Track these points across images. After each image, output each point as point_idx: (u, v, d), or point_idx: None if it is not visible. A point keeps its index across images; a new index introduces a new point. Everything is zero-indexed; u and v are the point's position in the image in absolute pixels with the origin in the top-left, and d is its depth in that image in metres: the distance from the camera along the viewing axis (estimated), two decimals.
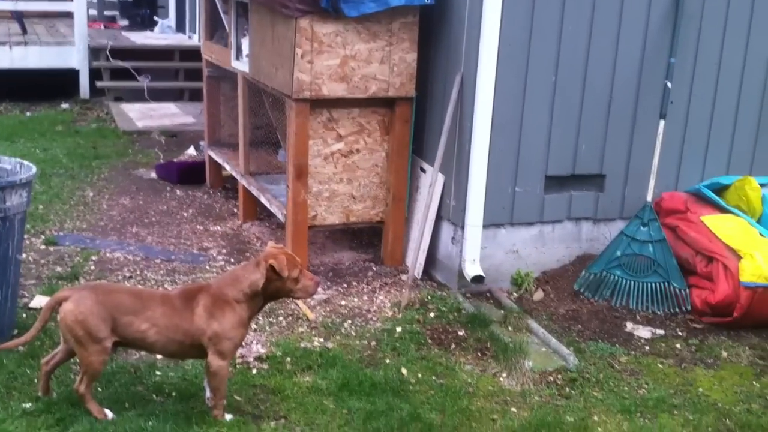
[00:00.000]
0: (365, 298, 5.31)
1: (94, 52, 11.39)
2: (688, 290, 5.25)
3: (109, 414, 3.74)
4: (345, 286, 5.47)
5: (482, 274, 5.28)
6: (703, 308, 5.14)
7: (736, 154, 5.89)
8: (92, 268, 5.52)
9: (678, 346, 4.88)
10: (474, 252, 5.33)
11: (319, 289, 5.17)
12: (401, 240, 5.79)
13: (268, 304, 4.05)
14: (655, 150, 5.44)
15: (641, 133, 5.58)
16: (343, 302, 5.22)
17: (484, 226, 5.35)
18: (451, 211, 5.49)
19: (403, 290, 5.32)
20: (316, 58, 5.20)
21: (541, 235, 5.58)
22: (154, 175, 7.92)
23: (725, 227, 5.21)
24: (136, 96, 11.18)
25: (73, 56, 11.25)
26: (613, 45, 5.38)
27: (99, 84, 11.29)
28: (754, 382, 4.49)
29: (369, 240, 6.26)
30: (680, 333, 5.04)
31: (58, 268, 5.47)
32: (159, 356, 4.24)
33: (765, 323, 5.04)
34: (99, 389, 3.95)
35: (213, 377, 3.71)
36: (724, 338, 4.98)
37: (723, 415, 4.15)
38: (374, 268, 5.77)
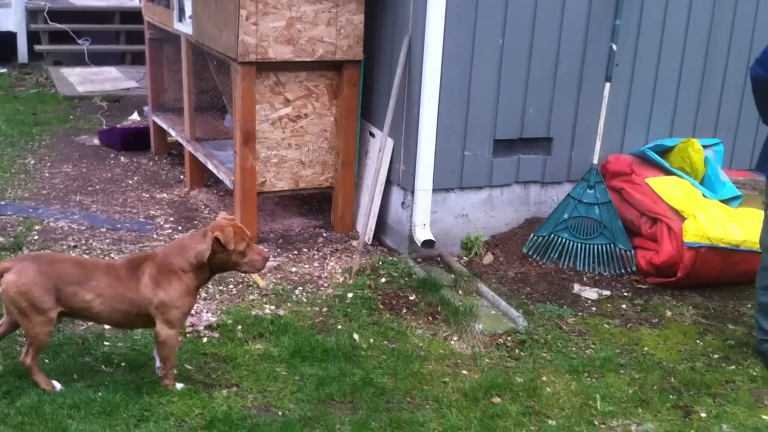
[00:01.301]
0: (316, 264, 5.29)
1: (32, 14, 11.06)
2: (633, 251, 5.34)
3: (57, 386, 3.69)
4: (295, 252, 5.44)
5: (432, 239, 5.30)
6: (647, 269, 5.25)
7: (679, 117, 5.97)
8: (35, 237, 5.40)
9: (624, 306, 4.98)
10: (424, 216, 5.34)
11: (270, 255, 5.14)
12: (351, 205, 5.78)
13: (219, 274, 4.01)
14: (601, 113, 5.49)
15: (587, 96, 5.62)
16: (293, 269, 5.19)
17: (434, 191, 5.36)
18: (400, 176, 5.48)
19: (354, 256, 5.32)
20: (261, 20, 5.10)
21: (490, 199, 5.61)
22: (97, 141, 7.76)
23: (669, 189, 5.30)
24: (77, 60, 10.91)
25: (9, 18, 10.91)
26: (559, 7, 5.38)
27: (37, 48, 10.98)
28: (697, 341, 4.61)
29: (319, 206, 6.23)
30: (626, 293, 5.14)
31: (0, 239, 5.33)
32: (107, 326, 4.19)
33: (708, 283, 5.17)
34: (46, 361, 3.89)
35: (162, 346, 3.68)
36: (668, 298, 5.09)
37: (668, 374, 4.25)
38: (324, 234, 5.75)
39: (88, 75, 10.44)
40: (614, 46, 5.47)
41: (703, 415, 3.90)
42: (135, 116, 8.59)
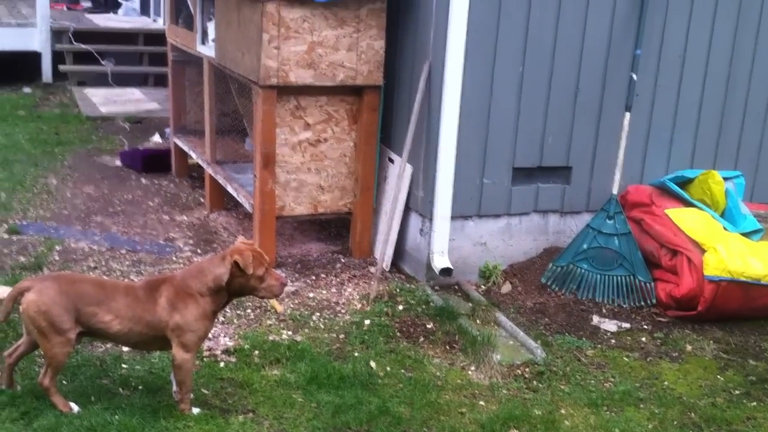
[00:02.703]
0: (333, 290, 5.28)
1: (57, 35, 11.18)
2: (653, 283, 5.30)
3: (75, 407, 3.69)
4: (313, 278, 5.44)
5: (450, 267, 5.29)
6: (668, 301, 5.20)
7: (700, 148, 5.95)
8: (56, 258, 5.44)
9: (643, 339, 4.93)
10: (442, 244, 5.33)
11: (288, 281, 5.14)
12: (369, 231, 5.78)
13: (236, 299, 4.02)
14: (621, 142, 5.48)
15: (607, 125, 5.61)
16: (311, 294, 5.19)
17: (452, 218, 5.36)
18: (419, 203, 5.48)
19: (372, 282, 5.31)
20: (283, 44, 5.14)
21: (509, 228, 5.60)
22: (118, 162, 7.81)
23: (689, 221, 5.27)
24: (100, 81, 11.01)
25: (35, 38, 11.04)
26: (579, 35, 5.40)
27: (62, 68, 11.09)
28: (718, 376, 4.56)
29: (337, 231, 6.23)
30: (646, 326, 5.09)
31: (21, 258, 5.37)
32: (125, 349, 4.20)
33: (728, 317, 5.11)
34: (64, 382, 3.90)
35: (178, 370, 3.68)
36: (688, 332, 5.04)
37: (688, 409, 4.20)
38: (342, 260, 5.75)
39: (111, 96, 10.54)
40: (634, 76, 5.47)
41: None
42: (156, 138, 8.64)
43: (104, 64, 11.05)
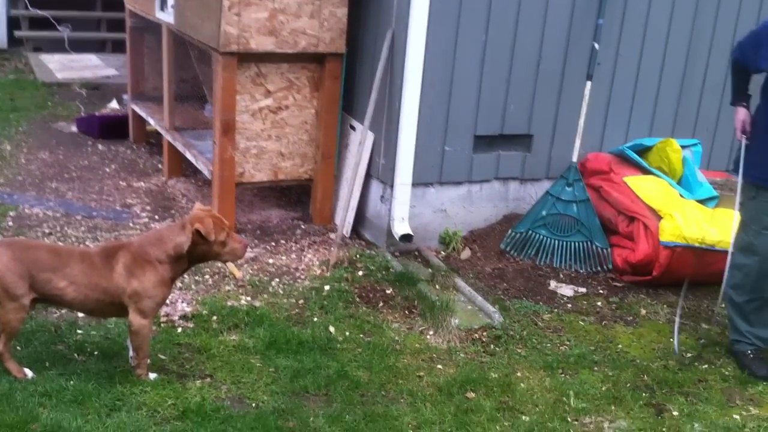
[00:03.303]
0: (293, 256, 5.27)
1: (12, 0, 10.90)
2: (610, 249, 5.37)
3: (29, 373, 3.65)
4: (273, 244, 5.42)
5: (411, 233, 5.30)
6: (623, 267, 5.27)
7: (659, 117, 6.01)
8: (10, 224, 5.34)
9: (599, 303, 5.00)
10: (403, 211, 5.34)
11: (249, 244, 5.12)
12: (330, 198, 5.76)
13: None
14: (582, 111, 5.51)
15: (568, 94, 5.64)
16: (270, 260, 5.17)
17: (413, 185, 5.36)
18: (380, 170, 5.47)
19: (332, 248, 5.31)
20: (243, 11, 5.07)
21: (469, 195, 5.62)
22: (74, 128, 7.68)
23: (647, 188, 5.33)
24: (56, 46, 10.79)
25: None
26: (543, 4, 5.39)
27: (17, 33, 10.85)
28: (671, 339, 4.64)
29: (297, 198, 6.21)
30: (601, 291, 5.16)
31: None
32: (80, 314, 4.15)
33: (682, 282, 5.19)
34: (18, 348, 3.85)
35: (135, 336, 3.65)
36: (643, 296, 5.12)
37: (641, 371, 4.28)
38: (303, 227, 5.73)
39: (68, 62, 10.34)
40: (596, 45, 5.49)
41: (675, 413, 3.93)
42: (114, 104, 8.51)
43: (61, 30, 10.82)
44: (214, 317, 4.36)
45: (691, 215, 5.09)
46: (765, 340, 4.40)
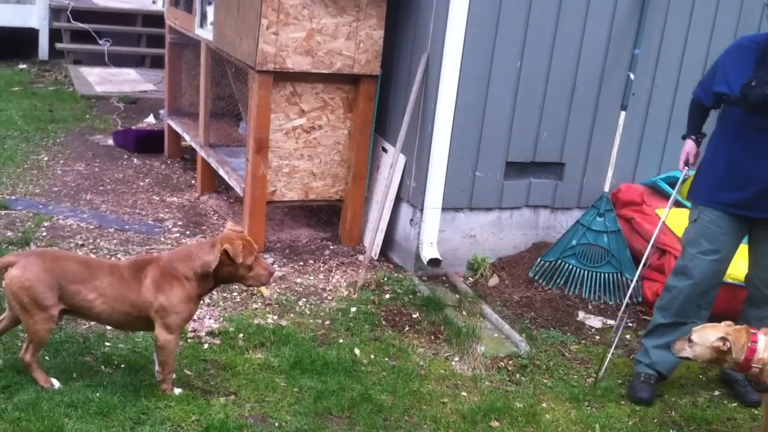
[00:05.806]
0: (321, 276, 5.28)
1: (55, 13, 11.12)
2: (640, 282, 5.31)
3: (56, 383, 3.68)
4: (301, 263, 5.43)
5: (439, 258, 5.29)
6: (653, 300, 5.19)
7: None
8: (44, 234, 5.42)
9: (627, 336, 4.95)
10: (432, 235, 5.33)
11: (275, 266, 5.14)
12: (360, 220, 5.77)
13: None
14: (615, 141, 5.48)
15: (602, 123, 5.61)
16: (298, 280, 5.18)
17: (443, 210, 5.35)
18: (410, 193, 5.47)
19: (360, 270, 5.31)
20: (281, 30, 5.12)
21: (499, 221, 5.60)
22: (111, 141, 7.78)
23: (679, 221, 5.26)
24: (96, 60, 10.96)
25: (32, 15, 10.98)
26: (579, 32, 5.39)
27: (59, 46, 11.04)
28: (700, 376, 4.57)
29: (327, 218, 6.22)
30: (630, 324, 5.11)
31: (9, 233, 5.35)
32: (108, 327, 4.18)
33: (714, 317, 5.10)
34: (46, 358, 3.89)
35: (161, 351, 3.67)
36: None
37: (669, 407, 4.22)
38: (331, 247, 5.74)
39: (107, 75, 10.50)
40: (632, 75, 5.46)
41: None
42: (150, 119, 8.61)
43: (101, 44, 11.00)
44: (241, 335, 4.38)
45: None
46: (660, 365, 4.30)
